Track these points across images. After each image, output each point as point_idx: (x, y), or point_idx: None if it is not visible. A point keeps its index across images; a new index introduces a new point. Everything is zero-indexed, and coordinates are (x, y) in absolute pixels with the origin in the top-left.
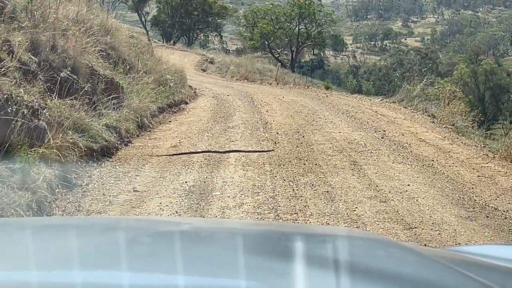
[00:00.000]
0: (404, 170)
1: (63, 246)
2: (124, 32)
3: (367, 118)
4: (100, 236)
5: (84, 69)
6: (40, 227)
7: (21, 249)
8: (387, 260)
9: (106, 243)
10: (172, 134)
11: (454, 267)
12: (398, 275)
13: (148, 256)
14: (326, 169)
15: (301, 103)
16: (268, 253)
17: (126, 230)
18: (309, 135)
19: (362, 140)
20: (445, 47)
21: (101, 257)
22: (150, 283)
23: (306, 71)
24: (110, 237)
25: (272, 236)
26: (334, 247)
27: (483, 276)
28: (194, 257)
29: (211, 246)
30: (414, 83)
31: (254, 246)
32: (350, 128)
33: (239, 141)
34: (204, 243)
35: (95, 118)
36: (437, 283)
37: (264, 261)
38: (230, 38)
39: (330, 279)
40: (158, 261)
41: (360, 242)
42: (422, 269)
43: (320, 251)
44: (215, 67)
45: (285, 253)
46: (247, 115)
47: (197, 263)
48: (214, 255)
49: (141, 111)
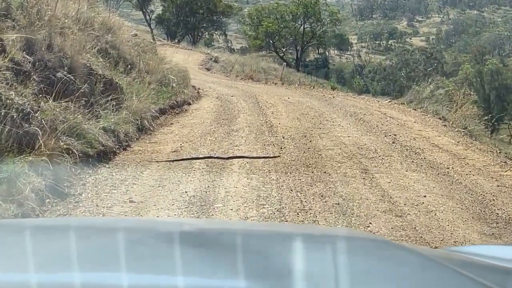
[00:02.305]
0: (418, 179)
1: (63, 247)
2: (126, 30)
3: (376, 120)
4: (101, 237)
5: (82, 69)
6: (40, 228)
7: (21, 250)
8: (387, 261)
9: (106, 244)
10: (174, 137)
11: (454, 268)
12: (398, 276)
13: (147, 257)
14: (336, 178)
15: (308, 105)
16: (268, 253)
17: (126, 231)
18: (316, 140)
19: (373, 145)
20: (450, 47)
21: (101, 258)
22: (149, 283)
23: (310, 70)
24: (110, 238)
25: (271, 236)
26: (334, 248)
27: (483, 276)
28: (194, 257)
29: (211, 246)
30: (424, 85)
31: (253, 247)
32: (359, 131)
33: (243, 146)
34: (204, 244)
35: (92, 121)
36: (438, 284)
37: (264, 261)
38: (235, 37)
39: (330, 280)
40: (158, 262)
41: (359, 242)
42: (422, 270)
43: (320, 252)
44: (219, 66)
45: (285, 254)
46: (252, 118)
47: (196, 264)
48: (214, 255)
49: (141, 113)
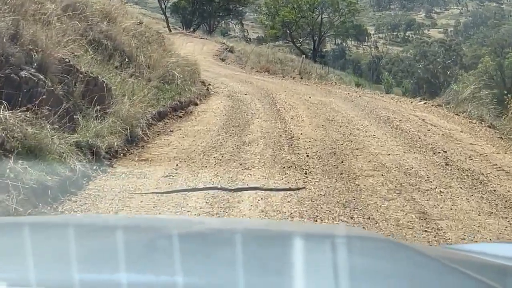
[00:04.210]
0: (499, 229)
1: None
2: (130, 18)
3: (415, 129)
4: (100, 235)
5: (57, 65)
6: (38, 225)
7: (19, 248)
8: (386, 259)
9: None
10: (170, 152)
11: (453, 266)
12: (397, 274)
13: (146, 256)
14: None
15: (332, 106)
16: (267, 252)
17: (125, 229)
18: (349, 160)
19: (422, 169)
20: (468, 39)
21: (100, 257)
22: (148, 282)
23: (327, 60)
24: (110, 236)
25: (271, 235)
26: (333, 246)
27: (482, 274)
28: (193, 256)
29: (210, 245)
30: (464, 84)
31: (253, 246)
32: (399, 146)
33: (257, 169)
34: (203, 242)
35: (66, 133)
36: (437, 282)
37: (263, 260)
38: (252, 26)
39: (329, 278)
40: (157, 261)
41: (358, 240)
42: (421, 268)
43: (319, 250)
44: (234, 57)
45: (284, 252)
46: (268, 124)
47: (195, 263)
48: (213, 254)
49: (134, 119)
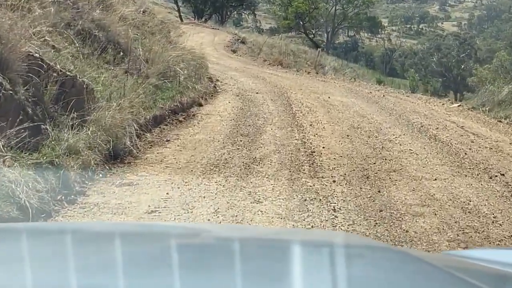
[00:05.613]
0: None
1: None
2: (132, 5)
3: (457, 141)
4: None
5: (21, 63)
6: (37, 232)
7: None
8: (385, 266)
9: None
10: (162, 173)
11: (452, 272)
12: (396, 281)
13: (144, 262)
14: None
15: (355, 109)
16: (266, 259)
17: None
18: (387, 187)
19: (483, 203)
20: (482, 33)
21: (97, 263)
22: None
23: (339, 52)
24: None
25: (269, 242)
26: (332, 254)
27: (481, 280)
28: (191, 263)
29: (209, 251)
30: (499, 84)
31: (251, 252)
32: (445, 166)
33: (270, 203)
34: (202, 249)
35: (24, 152)
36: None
37: (262, 267)
38: (264, 17)
39: (328, 286)
40: (155, 267)
41: (357, 248)
42: (420, 275)
43: (318, 258)
44: (246, 48)
45: (282, 259)
46: (283, 133)
47: (194, 269)
48: (211, 261)
49: (119, 129)
